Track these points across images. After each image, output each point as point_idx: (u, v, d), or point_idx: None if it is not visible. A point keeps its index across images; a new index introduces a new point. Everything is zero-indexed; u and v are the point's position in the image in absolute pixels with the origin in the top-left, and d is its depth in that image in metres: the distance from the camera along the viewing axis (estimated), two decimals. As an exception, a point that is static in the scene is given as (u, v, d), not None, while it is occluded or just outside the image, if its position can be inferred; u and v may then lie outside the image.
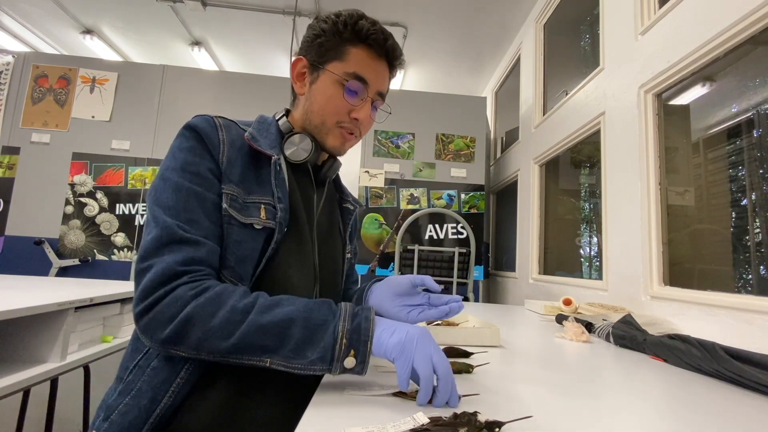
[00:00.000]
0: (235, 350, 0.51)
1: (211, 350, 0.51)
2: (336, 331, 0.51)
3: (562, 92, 2.35)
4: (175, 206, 0.58)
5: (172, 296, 0.52)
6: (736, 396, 0.62)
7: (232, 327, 0.51)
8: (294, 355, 0.51)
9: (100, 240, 2.52)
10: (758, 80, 1.38)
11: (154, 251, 0.55)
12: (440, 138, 2.86)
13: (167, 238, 0.55)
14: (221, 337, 0.51)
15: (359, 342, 0.51)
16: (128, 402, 0.56)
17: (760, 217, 1.33)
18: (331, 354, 0.51)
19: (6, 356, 1.11)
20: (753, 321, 0.97)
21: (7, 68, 2.63)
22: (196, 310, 0.51)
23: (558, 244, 2.55)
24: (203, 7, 2.97)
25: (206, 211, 0.60)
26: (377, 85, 0.72)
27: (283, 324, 0.52)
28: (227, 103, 2.75)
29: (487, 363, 0.69)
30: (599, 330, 1.07)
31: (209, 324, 0.51)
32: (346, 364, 0.51)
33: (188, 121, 0.64)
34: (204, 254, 0.57)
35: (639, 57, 1.52)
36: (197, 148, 0.62)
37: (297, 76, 0.75)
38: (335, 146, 0.73)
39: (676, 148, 1.54)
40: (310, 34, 0.72)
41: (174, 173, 0.60)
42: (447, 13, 2.98)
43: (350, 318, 0.53)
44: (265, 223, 0.63)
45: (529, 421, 0.45)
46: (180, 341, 0.51)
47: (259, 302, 0.54)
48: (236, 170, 0.64)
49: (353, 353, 0.51)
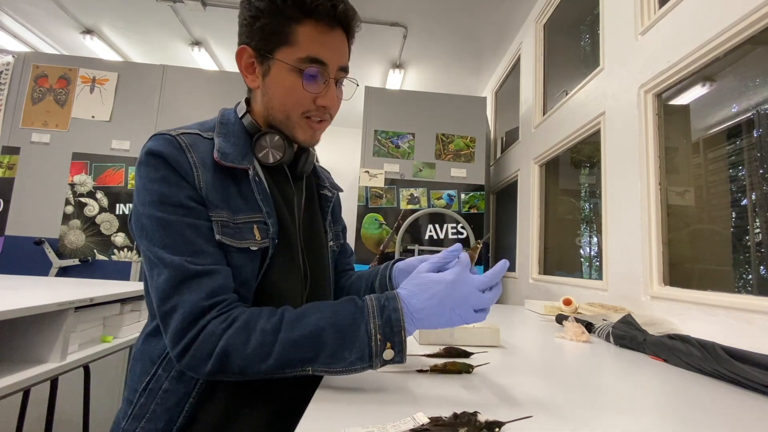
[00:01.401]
0: (276, 368, 0.52)
1: (255, 373, 0.52)
2: (369, 330, 0.52)
3: (562, 92, 2.35)
4: (173, 243, 0.55)
5: (204, 333, 0.52)
6: (736, 396, 0.62)
7: (267, 349, 0.51)
8: (332, 360, 0.52)
9: (100, 240, 2.52)
10: (758, 80, 1.38)
11: (172, 291, 0.54)
12: (440, 138, 2.86)
13: (181, 276, 0.54)
14: (260, 361, 0.51)
15: (393, 334, 0.52)
16: (144, 426, 0.57)
17: (760, 217, 1.33)
18: (369, 351, 0.51)
19: (6, 356, 1.11)
20: (753, 321, 0.97)
21: (7, 68, 2.63)
22: (229, 342, 0.51)
23: (558, 244, 2.55)
24: (203, 7, 2.97)
25: (205, 239, 0.57)
26: (337, 61, 0.64)
27: (314, 334, 0.52)
28: (227, 103, 2.72)
29: (487, 363, 0.69)
30: (599, 330, 1.07)
31: (245, 352, 0.51)
32: (385, 356, 0.51)
33: (149, 146, 0.58)
34: (222, 282, 0.56)
35: (639, 57, 1.52)
36: (170, 177, 0.57)
37: (245, 68, 0.67)
38: (306, 139, 0.68)
39: (676, 148, 1.54)
40: (246, 16, 0.64)
41: (154, 209, 0.56)
42: (447, 13, 2.98)
43: (379, 313, 0.53)
44: (260, 244, 0.62)
45: (529, 421, 0.45)
46: (224, 371, 0.52)
47: (285, 319, 0.54)
48: (216, 193, 0.60)
49: (389, 345, 0.51)
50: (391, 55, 3.59)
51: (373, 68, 3.84)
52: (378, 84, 4.09)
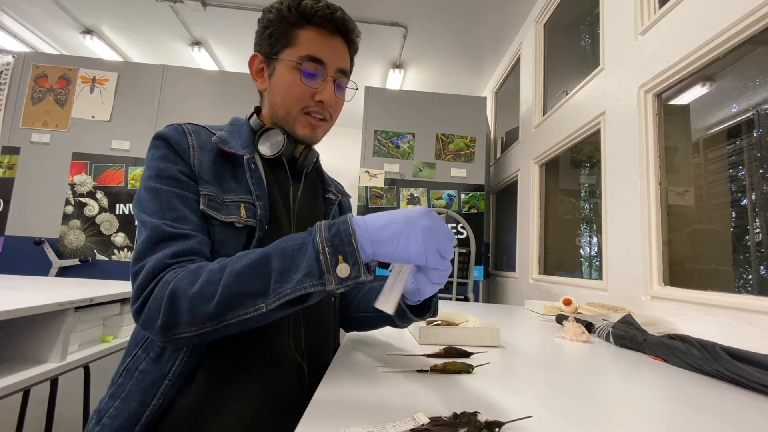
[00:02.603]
0: (224, 308, 0.48)
1: (204, 318, 0.49)
2: (315, 244, 0.48)
3: (562, 92, 2.35)
4: (160, 209, 0.58)
5: (160, 284, 0.51)
6: (736, 396, 0.62)
7: (213, 287, 0.49)
8: (280, 285, 0.48)
9: (100, 240, 2.52)
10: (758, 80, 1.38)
11: (145, 251, 0.55)
12: (440, 138, 2.86)
13: (156, 236, 0.55)
14: (206, 300, 0.48)
15: (343, 244, 0.48)
16: (118, 405, 0.56)
17: (760, 217, 1.33)
18: (318, 267, 0.47)
19: (6, 356, 1.11)
20: (753, 321, 0.97)
21: (7, 68, 2.63)
22: (176, 285, 0.50)
23: (558, 244, 2.55)
24: (203, 7, 2.97)
25: (190, 209, 0.60)
26: (335, 62, 0.69)
27: (260, 262, 0.49)
28: (227, 103, 2.75)
29: (487, 363, 0.69)
30: (599, 330, 1.07)
31: (190, 292, 0.49)
32: (339, 272, 0.47)
33: (157, 131, 0.65)
34: (194, 245, 0.57)
35: (639, 57, 1.52)
36: (168, 155, 0.63)
37: (256, 73, 0.74)
38: (306, 135, 0.72)
39: (676, 148, 1.54)
40: (259, 28, 0.71)
41: (151, 181, 0.61)
42: (447, 14, 2.98)
43: (326, 228, 0.49)
44: (246, 221, 0.63)
45: (529, 421, 0.45)
46: (174, 322, 0.49)
47: (234, 257, 0.52)
48: (209, 172, 0.64)
49: (342, 258, 0.47)
50: (391, 55, 3.59)
51: (373, 68, 3.84)
52: (378, 84, 4.09)
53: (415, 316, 0.67)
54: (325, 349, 0.75)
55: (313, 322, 0.70)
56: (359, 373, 0.62)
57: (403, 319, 0.68)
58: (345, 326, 0.86)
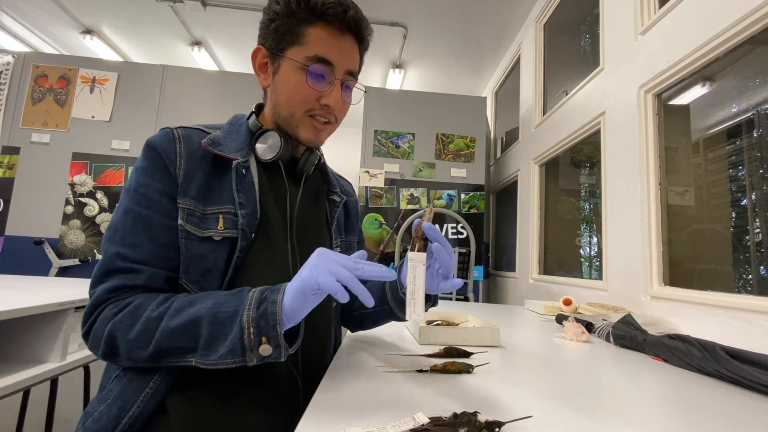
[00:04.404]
0: (157, 356, 0.53)
1: (140, 359, 0.54)
2: (242, 322, 0.50)
3: (562, 92, 2.35)
4: (123, 229, 0.59)
5: (100, 318, 0.55)
6: (736, 396, 0.62)
7: (148, 336, 0.53)
8: (207, 352, 0.51)
9: (100, 240, 2.51)
10: (758, 80, 1.38)
11: (96, 280, 0.58)
12: (440, 138, 2.86)
13: (106, 267, 0.58)
14: (141, 347, 0.53)
15: (268, 327, 0.49)
16: (102, 410, 0.56)
17: (760, 217, 1.33)
18: (241, 346, 0.50)
19: (6, 356, 1.11)
20: (753, 321, 0.97)
21: (7, 68, 2.63)
22: (115, 326, 0.54)
23: (558, 244, 2.55)
24: (203, 7, 2.97)
25: (151, 236, 0.59)
26: (345, 64, 0.65)
27: (190, 324, 0.52)
28: (227, 103, 2.75)
29: (487, 363, 0.69)
30: (599, 330, 1.07)
31: (128, 337, 0.53)
32: (262, 352, 0.50)
33: (148, 138, 0.64)
34: (138, 281, 0.58)
35: (639, 57, 1.52)
36: (150, 168, 0.62)
37: (259, 67, 0.70)
38: (309, 138, 0.69)
39: (676, 148, 1.54)
40: (264, 19, 0.67)
41: (127, 195, 0.61)
42: (447, 13, 2.98)
43: (256, 305, 0.51)
44: (223, 233, 0.61)
45: (529, 421, 0.45)
46: (114, 355, 0.55)
47: (172, 307, 0.54)
48: (195, 183, 0.62)
49: (265, 340, 0.49)
50: (391, 55, 3.59)
51: (373, 68, 3.84)
52: (378, 84, 4.09)
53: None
54: (324, 356, 0.73)
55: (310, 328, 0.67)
56: (359, 373, 0.62)
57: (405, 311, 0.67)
58: (350, 327, 0.85)
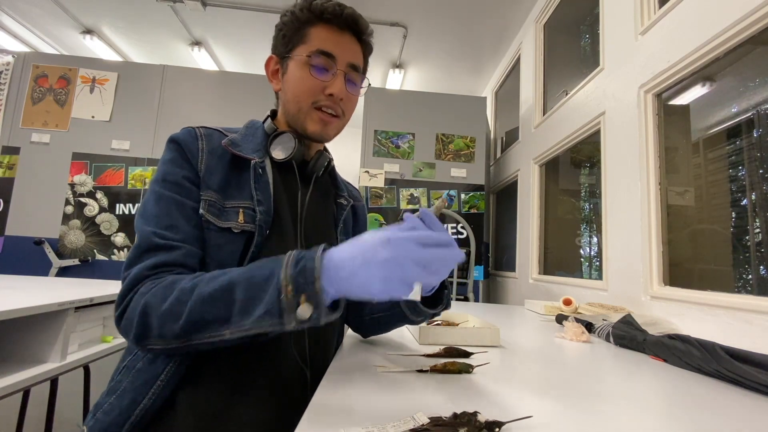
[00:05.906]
0: (190, 329, 0.49)
1: (171, 335, 0.50)
2: (278, 282, 0.46)
3: (562, 92, 2.35)
4: (157, 214, 0.60)
5: (137, 295, 0.53)
6: (736, 396, 0.62)
7: (181, 307, 0.49)
8: (242, 317, 0.47)
9: (100, 240, 2.52)
10: (758, 80, 1.38)
11: (133, 260, 0.57)
12: (440, 138, 2.86)
13: (145, 246, 0.57)
14: (174, 319, 0.49)
15: (307, 284, 0.45)
16: (112, 402, 0.57)
17: (760, 217, 1.33)
18: (278, 306, 0.45)
19: (6, 356, 1.11)
20: (753, 321, 0.97)
21: (7, 68, 2.63)
22: (149, 300, 0.51)
23: (558, 244, 2.55)
24: (203, 7, 2.97)
25: (186, 216, 0.61)
26: (346, 57, 0.70)
27: (225, 289, 0.49)
28: (227, 103, 2.75)
29: (487, 363, 0.69)
30: (599, 330, 1.07)
31: (161, 309, 0.50)
32: (300, 313, 0.45)
33: (172, 134, 0.67)
34: (176, 257, 0.58)
35: (639, 57, 1.52)
36: (176, 159, 0.65)
37: (272, 74, 0.76)
38: (316, 131, 0.71)
39: (676, 148, 1.54)
40: (276, 33, 0.74)
41: (156, 185, 0.63)
42: (447, 13, 2.98)
43: (293, 263, 0.47)
44: (243, 226, 0.63)
45: (529, 421, 0.45)
46: (147, 334, 0.51)
47: (207, 276, 0.52)
48: (215, 177, 0.65)
49: (304, 298, 0.45)
50: (391, 55, 3.59)
51: (373, 68, 3.84)
52: (378, 84, 4.09)
53: (428, 308, 0.66)
54: (329, 354, 0.74)
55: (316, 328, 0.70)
56: (359, 373, 0.62)
57: (416, 312, 0.67)
58: (362, 332, 0.85)
